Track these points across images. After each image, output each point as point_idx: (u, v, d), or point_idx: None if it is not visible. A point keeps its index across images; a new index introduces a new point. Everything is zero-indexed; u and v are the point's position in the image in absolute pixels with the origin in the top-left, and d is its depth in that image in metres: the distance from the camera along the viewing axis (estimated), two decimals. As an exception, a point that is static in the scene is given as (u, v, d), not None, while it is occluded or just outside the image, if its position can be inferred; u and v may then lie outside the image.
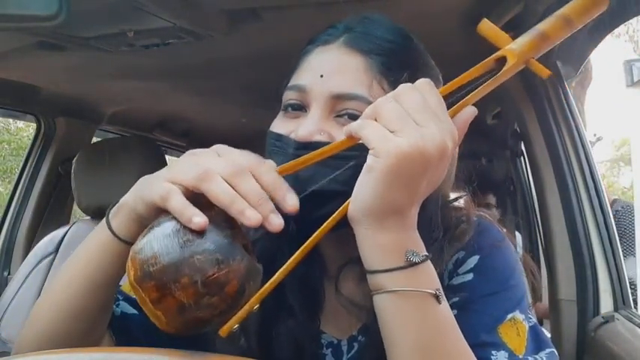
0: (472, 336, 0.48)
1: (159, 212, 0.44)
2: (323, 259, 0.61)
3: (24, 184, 1.85)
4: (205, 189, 0.42)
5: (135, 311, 0.59)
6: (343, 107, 0.53)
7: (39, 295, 1.45)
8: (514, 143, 1.97)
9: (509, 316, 0.53)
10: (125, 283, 0.54)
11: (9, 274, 1.79)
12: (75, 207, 1.85)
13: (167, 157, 1.95)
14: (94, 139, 1.99)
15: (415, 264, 0.44)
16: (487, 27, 0.49)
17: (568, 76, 1.36)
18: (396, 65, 0.55)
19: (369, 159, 0.42)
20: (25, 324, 0.53)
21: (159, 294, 0.39)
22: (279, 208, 0.44)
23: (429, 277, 0.45)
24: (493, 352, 0.50)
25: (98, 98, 1.83)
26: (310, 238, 0.45)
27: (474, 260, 0.56)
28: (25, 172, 1.86)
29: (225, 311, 0.40)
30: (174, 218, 0.42)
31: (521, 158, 2.04)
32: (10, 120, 6.39)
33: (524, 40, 0.48)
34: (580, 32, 1.15)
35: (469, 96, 0.47)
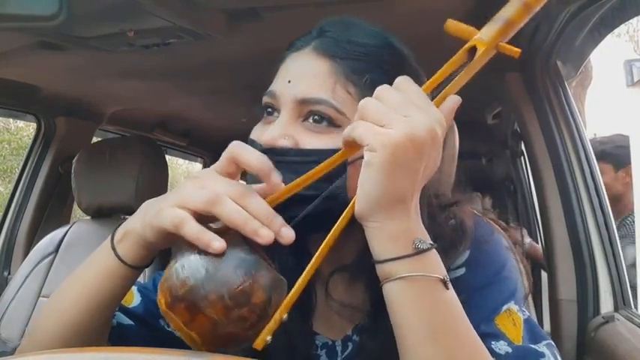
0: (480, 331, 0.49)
1: (169, 238, 0.46)
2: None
3: (24, 184, 1.86)
4: (218, 212, 0.43)
5: (131, 322, 0.60)
6: (308, 111, 0.54)
7: (39, 295, 1.45)
8: (514, 143, 1.97)
9: (505, 307, 0.54)
10: None
11: (9, 274, 1.79)
12: (75, 207, 1.85)
13: (167, 157, 1.95)
14: (94, 139, 1.99)
15: (423, 251, 0.45)
16: (452, 25, 0.53)
17: (568, 76, 1.36)
18: (365, 68, 0.55)
19: (366, 155, 0.43)
20: (28, 334, 0.55)
21: (190, 314, 0.41)
22: None
23: (435, 264, 0.46)
24: (492, 342, 0.51)
25: (98, 98, 1.83)
26: (323, 243, 0.46)
27: (464, 255, 0.57)
28: (26, 172, 1.87)
29: (255, 323, 0.42)
30: (193, 244, 0.43)
31: (521, 158, 2.04)
32: (11, 119, 6.39)
33: (490, 28, 0.50)
34: (580, 32, 1.15)
35: (448, 87, 0.49)
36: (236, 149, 0.46)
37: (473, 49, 0.50)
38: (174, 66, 1.42)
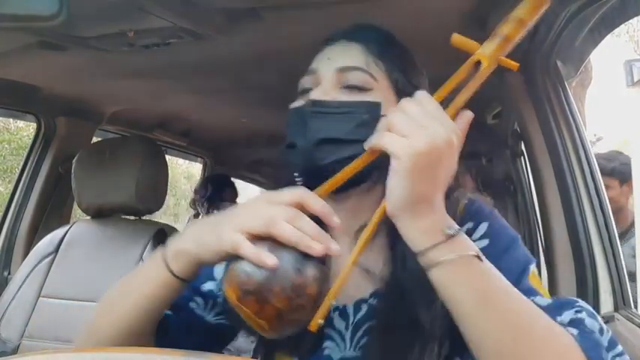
0: (520, 289, 0.54)
1: (224, 257, 0.53)
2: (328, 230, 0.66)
3: (24, 184, 1.85)
4: (276, 233, 0.50)
5: (170, 312, 0.66)
6: (346, 79, 0.66)
7: (39, 295, 1.45)
8: (514, 143, 1.97)
9: (531, 267, 0.62)
10: None
11: (9, 274, 1.79)
12: (75, 207, 1.85)
13: (167, 156, 1.95)
14: (94, 139, 1.99)
15: (452, 236, 0.52)
16: (458, 39, 0.59)
17: (568, 76, 1.36)
18: (389, 52, 0.69)
19: (393, 162, 0.50)
20: (85, 333, 0.64)
21: (259, 306, 0.49)
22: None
23: (466, 243, 0.53)
24: (531, 297, 0.56)
25: (98, 98, 1.83)
26: (361, 237, 0.55)
27: (483, 227, 0.65)
28: (26, 172, 1.86)
29: (311, 310, 0.51)
30: None
31: (521, 158, 2.04)
32: (10, 119, 6.39)
33: (491, 44, 0.58)
34: (580, 32, 1.15)
35: (457, 97, 0.55)
36: (302, 194, 0.53)
37: (477, 62, 0.57)
38: (174, 66, 1.41)
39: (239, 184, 3.96)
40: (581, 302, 0.58)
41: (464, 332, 0.52)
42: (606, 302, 1.15)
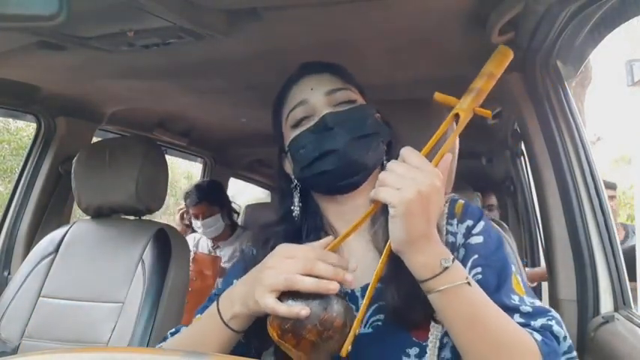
0: (505, 293, 0.69)
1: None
2: (330, 224, 0.82)
3: (24, 184, 1.85)
4: (298, 288, 0.62)
5: None
6: (335, 99, 0.80)
7: (39, 295, 1.46)
8: (514, 143, 1.97)
9: (513, 268, 0.73)
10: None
11: (9, 274, 1.79)
12: (75, 207, 1.85)
13: (167, 156, 1.95)
14: (94, 139, 1.99)
15: (448, 267, 0.63)
16: (439, 96, 0.70)
17: (568, 76, 1.36)
18: (344, 72, 0.84)
19: (390, 210, 0.62)
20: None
21: (296, 340, 0.61)
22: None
23: (459, 271, 0.64)
24: (514, 301, 0.69)
25: (98, 98, 1.83)
26: (377, 269, 0.67)
27: (480, 225, 0.76)
28: (25, 172, 1.86)
29: (340, 338, 0.62)
30: None
31: (521, 158, 2.04)
32: (10, 119, 6.39)
33: (467, 99, 0.69)
34: (580, 32, 1.15)
35: (442, 148, 0.67)
36: (312, 262, 0.63)
37: (457, 115, 0.69)
38: (174, 66, 1.41)
39: (239, 184, 3.96)
40: (553, 312, 0.71)
41: (455, 343, 0.66)
42: (606, 302, 1.15)
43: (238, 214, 2.62)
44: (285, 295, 0.63)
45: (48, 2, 0.69)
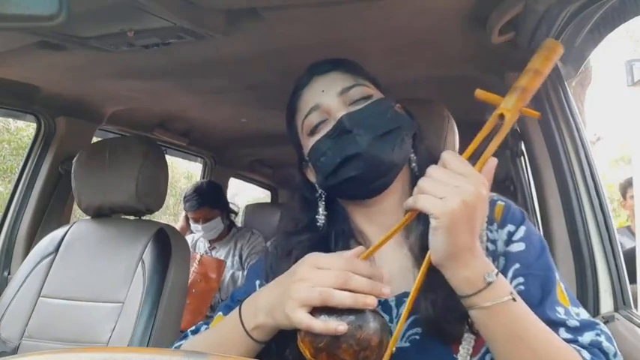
0: (549, 306, 0.65)
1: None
2: (359, 229, 0.78)
3: (24, 184, 1.85)
4: (334, 303, 0.57)
5: None
6: (350, 97, 0.75)
7: (39, 295, 1.45)
8: (514, 143, 1.97)
9: (557, 277, 0.68)
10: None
11: (9, 274, 1.79)
12: (75, 207, 1.85)
13: (167, 156, 1.95)
14: (94, 139, 1.99)
15: (492, 282, 0.58)
16: (482, 94, 0.64)
17: (568, 76, 1.36)
18: (354, 66, 0.79)
19: (432, 221, 0.56)
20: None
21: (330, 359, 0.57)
22: None
23: (503, 286, 0.59)
24: (559, 314, 0.65)
25: (98, 98, 1.83)
26: (413, 288, 0.61)
27: (521, 231, 0.71)
28: (25, 172, 1.86)
29: (376, 358, 0.58)
30: None
31: (521, 158, 2.04)
32: (10, 119, 6.39)
33: (512, 98, 0.63)
34: (580, 32, 1.15)
35: (486, 151, 0.61)
36: (346, 275, 0.59)
37: (501, 115, 0.63)
38: (174, 66, 1.41)
39: (239, 184, 3.96)
40: (602, 325, 0.66)
41: (495, 358, 0.62)
42: (606, 302, 1.14)
43: (236, 214, 2.62)
44: (316, 309, 0.58)
45: (48, 2, 0.69)
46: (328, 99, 0.75)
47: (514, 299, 0.58)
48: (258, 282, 0.79)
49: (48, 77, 1.55)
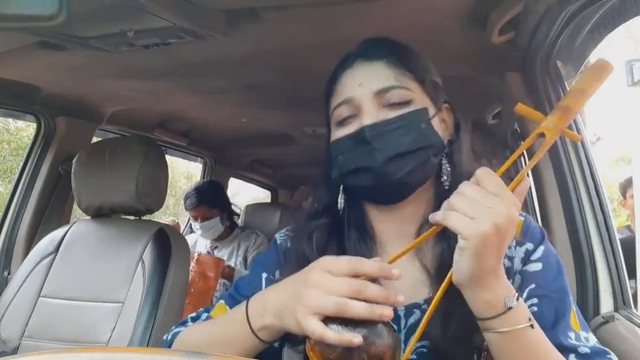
0: (562, 330, 0.63)
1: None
2: (376, 238, 0.75)
3: (24, 184, 1.86)
4: (348, 314, 0.54)
5: None
6: (386, 99, 0.69)
7: (39, 295, 1.45)
8: (514, 143, 1.96)
9: (572, 301, 0.67)
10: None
11: (9, 274, 1.79)
12: (75, 207, 1.85)
13: (167, 156, 1.95)
14: (94, 139, 1.99)
15: (512, 308, 0.56)
16: (522, 108, 0.62)
17: (568, 76, 1.36)
18: (408, 60, 0.72)
19: (460, 242, 0.54)
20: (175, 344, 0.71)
21: None
22: None
23: (523, 311, 0.58)
24: (571, 340, 0.63)
25: (98, 98, 1.83)
26: (430, 307, 0.58)
27: (540, 250, 0.70)
28: (25, 172, 1.87)
29: None
30: None
31: (521, 158, 2.03)
32: (10, 120, 6.39)
33: (554, 117, 0.61)
34: (580, 32, 1.15)
35: (522, 171, 0.59)
36: (355, 264, 0.57)
37: (541, 134, 0.61)
38: (174, 66, 1.42)
39: (239, 184, 3.96)
40: (612, 355, 0.64)
41: None
42: (606, 302, 1.14)
43: (238, 215, 2.62)
44: (328, 317, 0.56)
45: (48, 2, 0.69)
46: (363, 95, 0.70)
47: (532, 326, 0.57)
48: (265, 275, 0.78)
49: (48, 77, 1.55)
